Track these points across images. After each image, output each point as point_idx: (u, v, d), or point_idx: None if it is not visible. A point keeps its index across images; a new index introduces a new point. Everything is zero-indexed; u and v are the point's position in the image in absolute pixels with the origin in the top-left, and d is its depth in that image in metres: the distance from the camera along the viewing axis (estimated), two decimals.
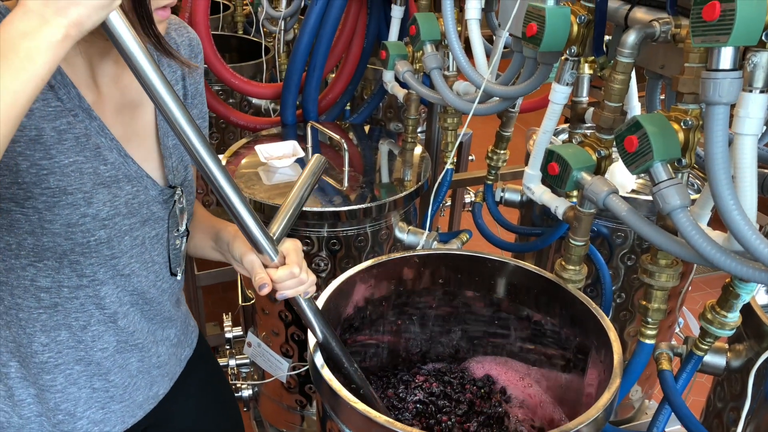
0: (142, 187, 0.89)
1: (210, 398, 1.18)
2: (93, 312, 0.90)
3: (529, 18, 0.91)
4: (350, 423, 0.78)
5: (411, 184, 1.44)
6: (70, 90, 0.80)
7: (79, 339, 0.91)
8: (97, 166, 0.83)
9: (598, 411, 0.76)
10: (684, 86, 0.74)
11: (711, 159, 0.64)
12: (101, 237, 0.84)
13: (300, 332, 1.49)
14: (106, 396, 0.96)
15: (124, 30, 0.65)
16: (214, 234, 1.00)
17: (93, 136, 0.83)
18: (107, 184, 0.84)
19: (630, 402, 1.68)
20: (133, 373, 0.98)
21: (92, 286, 0.88)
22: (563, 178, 0.88)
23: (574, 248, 1.00)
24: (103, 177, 0.83)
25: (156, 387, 1.03)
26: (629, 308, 1.48)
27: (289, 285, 0.85)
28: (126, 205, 0.86)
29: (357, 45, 1.77)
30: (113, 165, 0.85)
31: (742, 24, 0.58)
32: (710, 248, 0.68)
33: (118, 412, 0.98)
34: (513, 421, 1.05)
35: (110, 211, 0.84)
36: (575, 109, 1.32)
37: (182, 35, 0.97)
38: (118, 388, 0.97)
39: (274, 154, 1.49)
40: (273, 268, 0.85)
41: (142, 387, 1.00)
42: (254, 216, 0.80)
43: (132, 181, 0.87)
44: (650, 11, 0.84)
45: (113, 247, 0.87)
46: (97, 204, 0.83)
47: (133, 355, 0.97)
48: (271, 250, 0.84)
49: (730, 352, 1.00)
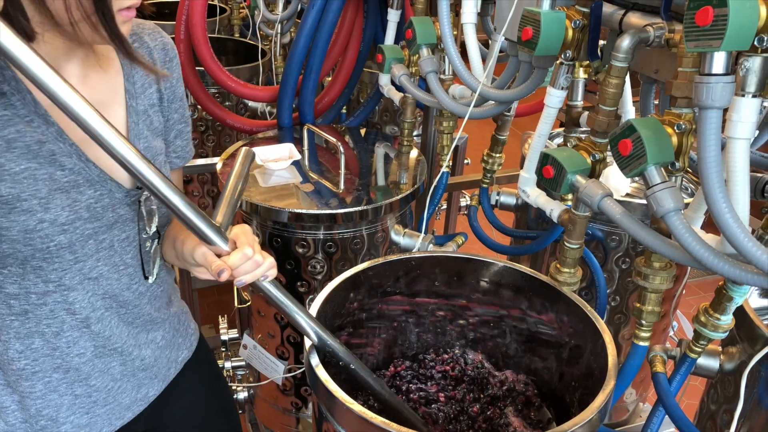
0: (106, 190, 0.88)
1: (210, 403, 1.18)
2: (64, 318, 0.89)
3: (525, 22, 0.92)
4: (346, 424, 0.79)
5: (407, 187, 1.45)
6: (25, 96, 0.80)
7: (54, 346, 0.90)
8: (53, 172, 0.82)
9: (593, 412, 0.76)
10: (678, 90, 0.75)
11: (704, 162, 0.65)
12: (61, 242, 0.84)
13: (296, 335, 1.49)
14: (89, 401, 0.95)
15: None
16: (174, 241, 0.96)
17: (49, 142, 0.82)
18: (66, 189, 0.83)
19: (624, 405, 1.69)
20: (117, 377, 0.98)
21: (60, 292, 0.87)
22: (558, 181, 0.89)
23: (569, 251, 1.00)
24: (60, 182, 0.83)
25: (144, 389, 1.03)
26: (624, 311, 1.49)
27: (245, 269, 0.80)
28: (88, 210, 0.86)
29: (353, 48, 1.78)
30: (72, 170, 0.84)
31: (734, 29, 0.59)
32: (703, 251, 0.69)
33: (104, 416, 0.98)
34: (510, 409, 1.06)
35: (70, 215, 0.84)
36: (570, 113, 1.32)
37: (156, 39, 0.97)
38: (101, 392, 0.96)
39: (271, 157, 1.49)
40: (226, 256, 0.81)
41: (128, 390, 1.00)
42: (195, 208, 0.78)
43: (95, 185, 0.87)
44: (644, 16, 0.85)
45: (76, 252, 0.86)
46: (55, 209, 0.82)
47: (114, 359, 0.96)
48: (219, 238, 0.80)
49: (724, 355, 1.01)
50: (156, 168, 0.74)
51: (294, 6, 2.11)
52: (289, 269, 1.41)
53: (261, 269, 0.82)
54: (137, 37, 0.96)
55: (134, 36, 0.95)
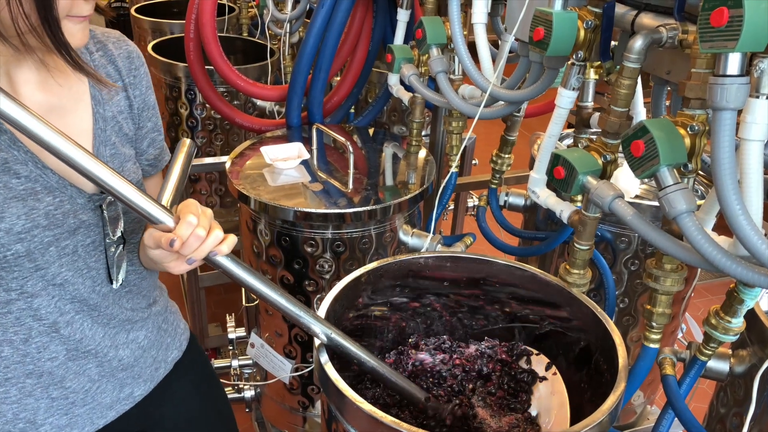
0: (66, 196, 0.87)
1: (203, 404, 1.17)
2: (32, 324, 0.88)
3: (537, 22, 0.92)
4: (356, 423, 0.79)
5: (415, 187, 1.45)
6: None
7: (24, 353, 0.89)
8: (8, 181, 0.82)
9: (603, 414, 0.76)
10: (691, 92, 0.75)
11: (718, 164, 0.64)
12: (19, 251, 0.83)
13: (303, 333, 1.49)
14: (66, 402, 0.94)
15: None
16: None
17: (2, 150, 0.81)
18: (22, 197, 0.83)
19: (632, 407, 1.68)
20: (94, 378, 0.97)
21: (23, 299, 0.86)
22: (569, 182, 0.89)
23: (578, 252, 1.00)
24: (16, 191, 0.82)
25: (128, 389, 1.01)
26: (632, 313, 1.49)
27: (192, 242, 0.78)
28: (46, 217, 0.85)
29: (362, 48, 1.78)
30: (28, 177, 0.83)
31: (749, 30, 0.59)
32: (716, 253, 0.68)
33: (84, 415, 0.97)
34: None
35: (26, 224, 0.83)
36: (580, 114, 1.32)
37: (120, 48, 0.97)
38: (78, 393, 0.95)
39: (280, 156, 1.50)
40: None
41: (108, 390, 0.99)
42: (138, 189, 0.77)
43: (53, 192, 0.86)
44: (657, 17, 0.85)
45: (36, 260, 0.85)
46: (10, 218, 0.81)
47: (88, 361, 0.95)
48: (164, 213, 0.79)
49: (734, 358, 1.00)
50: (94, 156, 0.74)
51: (303, 5, 2.12)
52: (297, 268, 1.41)
53: (208, 242, 0.80)
54: (101, 45, 0.95)
55: (98, 45, 0.95)
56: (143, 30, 2.84)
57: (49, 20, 0.75)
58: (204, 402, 1.17)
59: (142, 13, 2.91)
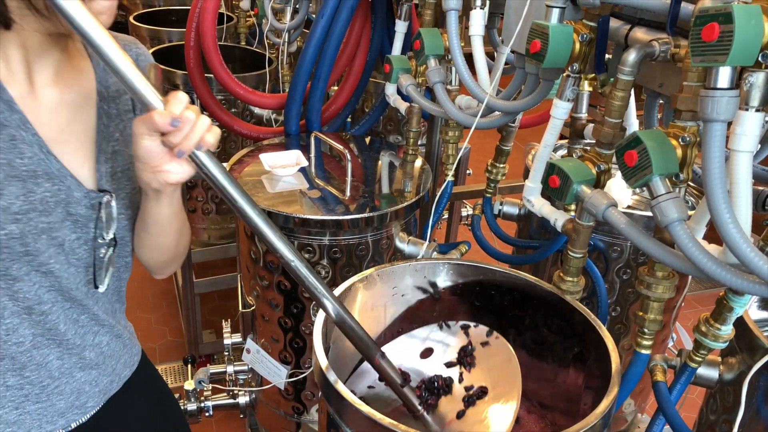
0: (64, 186, 0.87)
1: (159, 424, 1.16)
2: (6, 304, 0.87)
3: (533, 35, 0.94)
4: (355, 426, 0.80)
5: (412, 195, 1.47)
6: None
7: None
8: (12, 159, 0.82)
9: (597, 418, 0.78)
10: (682, 104, 0.77)
11: (708, 174, 0.66)
12: (13, 232, 0.83)
13: (299, 339, 1.50)
14: (20, 394, 0.93)
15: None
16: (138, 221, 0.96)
17: (11, 127, 0.82)
18: (23, 178, 0.83)
19: (623, 415, 1.70)
20: (54, 375, 0.95)
21: (5, 281, 0.85)
22: (564, 190, 0.91)
23: (572, 260, 1.02)
24: (18, 170, 0.83)
25: (84, 397, 1.00)
26: (624, 322, 1.51)
27: (184, 125, 0.77)
28: (42, 203, 0.85)
29: (360, 58, 1.80)
30: (31, 160, 0.84)
31: (739, 45, 0.61)
32: (706, 260, 0.70)
33: (34, 414, 0.95)
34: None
35: (23, 205, 0.83)
36: (574, 125, 1.35)
37: (131, 50, 0.98)
38: (34, 387, 0.93)
39: (278, 163, 1.51)
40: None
41: (65, 393, 0.97)
42: (137, 69, 0.75)
43: (53, 179, 0.86)
44: (650, 31, 0.87)
45: (27, 245, 0.84)
46: (9, 197, 0.82)
47: (51, 351, 0.93)
48: (158, 97, 0.77)
49: (723, 365, 1.02)
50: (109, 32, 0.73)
51: (302, 15, 2.14)
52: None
53: (199, 126, 0.79)
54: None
55: None
56: (141, 38, 2.86)
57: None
58: (159, 421, 1.16)
59: (141, 21, 2.93)
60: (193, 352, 2.45)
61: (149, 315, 2.88)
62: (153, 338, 2.74)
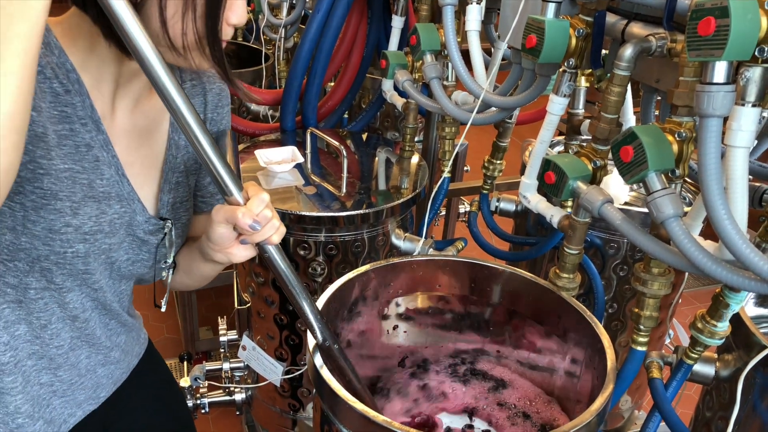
0: (130, 209, 0.89)
1: (160, 407, 1.18)
2: (55, 310, 0.90)
3: (529, 30, 0.93)
4: (349, 423, 0.79)
5: (408, 191, 1.46)
6: (85, 99, 0.81)
7: (37, 335, 0.90)
8: (93, 179, 0.83)
9: (592, 415, 0.77)
10: (679, 99, 0.76)
11: (704, 169, 0.66)
12: (79, 250, 0.84)
13: (295, 336, 1.50)
14: (49, 390, 0.95)
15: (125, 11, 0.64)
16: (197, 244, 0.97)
17: (96, 148, 0.83)
18: (98, 198, 0.84)
19: (619, 412, 1.70)
20: (82, 372, 0.98)
21: (58, 291, 0.88)
22: (559, 187, 0.90)
23: (568, 256, 1.02)
24: (96, 191, 0.84)
25: (100, 389, 1.03)
26: (621, 318, 1.50)
27: (261, 222, 0.79)
28: (110, 224, 0.87)
29: (357, 54, 1.79)
30: (109, 181, 0.85)
31: (736, 39, 0.60)
32: (702, 257, 0.70)
33: (58, 408, 0.97)
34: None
35: (94, 226, 0.84)
36: (571, 121, 1.34)
37: (213, 83, 1.00)
38: (63, 383, 0.96)
39: (274, 159, 1.51)
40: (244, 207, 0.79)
41: (87, 387, 1.00)
42: (222, 157, 0.76)
43: (122, 201, 0.88)
44: (647, 26, 0.86)
45: (89, 263, 0.86)
46: (83, 216, 0.83)
47: (83, 351, 0.97)
48: (238, 188, 0.78)
49: (719, 362, 1.02)
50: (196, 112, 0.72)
51: (298, 11, 2.13)
52: None
53: (269, 226, 0.81)
54: (196, 76, 0.97)
55: (193, 75, 0.97)
56: None
57: (214, 35, 0.76)
58: (160, 405, 1.18)
59: None
60: (189, 349, 2.45)
61: (146, 312, 2.87)
62: (150, 335, 2.71)
